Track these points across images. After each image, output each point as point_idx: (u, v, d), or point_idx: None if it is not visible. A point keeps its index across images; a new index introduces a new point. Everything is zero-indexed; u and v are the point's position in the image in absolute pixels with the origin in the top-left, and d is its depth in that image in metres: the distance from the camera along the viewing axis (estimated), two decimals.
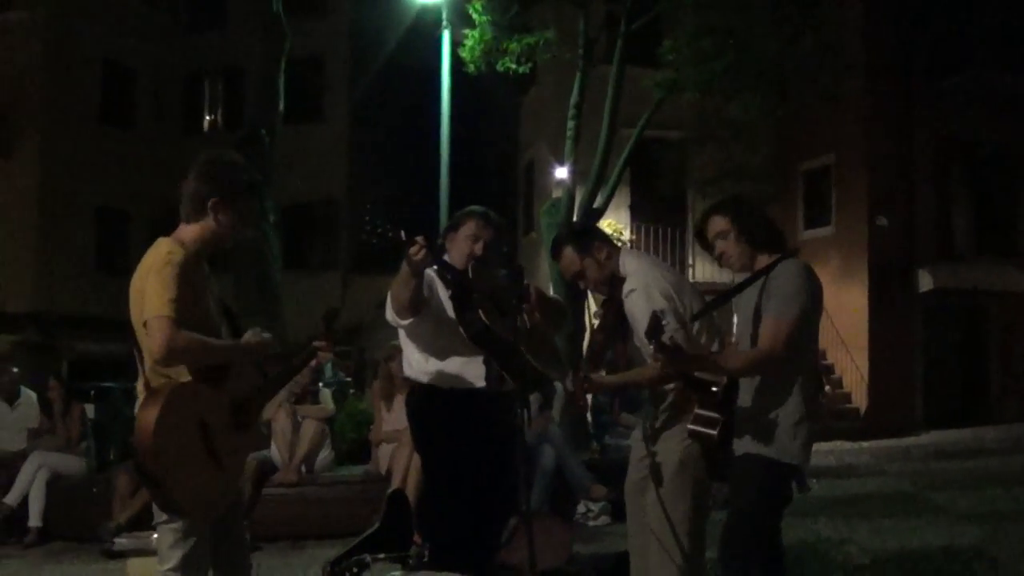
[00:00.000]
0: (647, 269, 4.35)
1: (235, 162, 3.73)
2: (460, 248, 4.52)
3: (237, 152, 4.20)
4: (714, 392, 3.81)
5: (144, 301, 3.39)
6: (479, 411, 4.46)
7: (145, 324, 3.38)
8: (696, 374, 3.87)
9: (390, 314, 4.40)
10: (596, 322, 4.54)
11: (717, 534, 3.96)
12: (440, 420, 4.55)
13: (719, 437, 3.76)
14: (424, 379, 4.59)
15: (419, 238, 3.96)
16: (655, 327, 3.56)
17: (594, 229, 5.00)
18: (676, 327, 4.01)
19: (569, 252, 4.49)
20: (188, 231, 3.61)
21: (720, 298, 4.04)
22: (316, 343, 3.85)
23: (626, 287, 4.29)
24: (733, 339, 4.16)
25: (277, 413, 8.39)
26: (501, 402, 4.40)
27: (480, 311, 4.20)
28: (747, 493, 3.85)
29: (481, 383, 4.43)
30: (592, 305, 17.36)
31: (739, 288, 3.97)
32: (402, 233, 3.94)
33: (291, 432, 8.41)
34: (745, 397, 3.87)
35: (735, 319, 4.09)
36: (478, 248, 4.51)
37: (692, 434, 3.86)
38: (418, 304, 4.30)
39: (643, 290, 4.20)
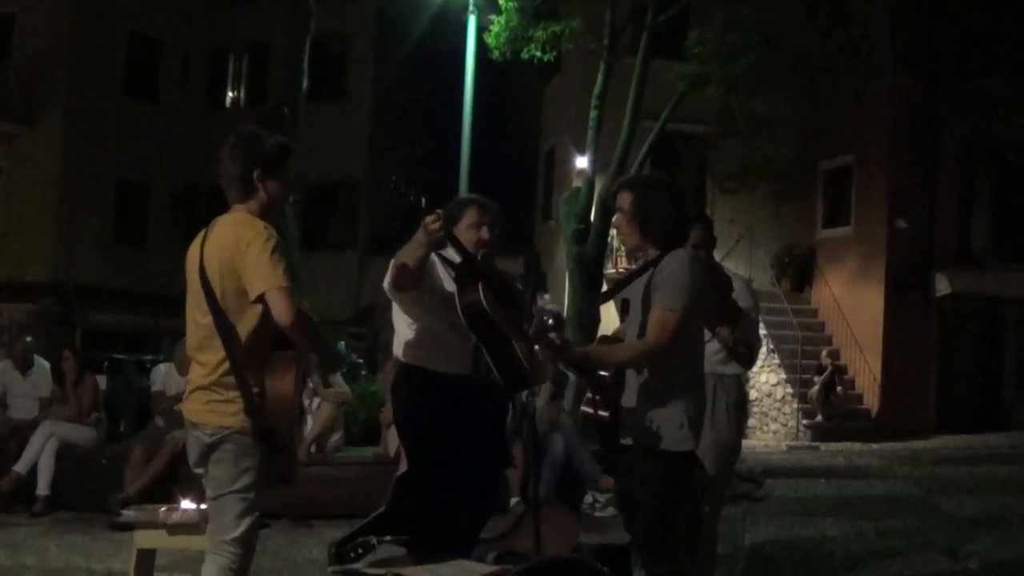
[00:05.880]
0: None
1: (259, 133, 3.81)
2: (465, 239, 4.43)
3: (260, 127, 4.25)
4: (603, 375, 3.89)
5: (252, 274, 3.45)
6: (462, 398, 4.43)
7: (262, 297, 3.44)
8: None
9: (387, 282, 4.32)
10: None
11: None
12: (421, 402, 4.50)
13: (611, 418, 3.85)
14: (410, 359, 4.56)
15: (439, 211, 4.02)
16: (540, 327, 3.75)
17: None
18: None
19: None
20: (250, 208, 3.69)
21: (610, 290, 4.08)
22: None
23: None
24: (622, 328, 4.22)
25: None
26: (486, 391, 4.40)
27: (481, 295, 4.16)
28: (651, 489, 3.84)
29: (466, 370, 4.43)
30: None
31: (628, 279, 4.02)
32: (423, 200, 4.03)
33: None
34: (632, 393, 3.88)
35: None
36: (484, 233, 4.50)
37: (586, 416, 3.97)
38: (418, 276, 4.24)
39: None
